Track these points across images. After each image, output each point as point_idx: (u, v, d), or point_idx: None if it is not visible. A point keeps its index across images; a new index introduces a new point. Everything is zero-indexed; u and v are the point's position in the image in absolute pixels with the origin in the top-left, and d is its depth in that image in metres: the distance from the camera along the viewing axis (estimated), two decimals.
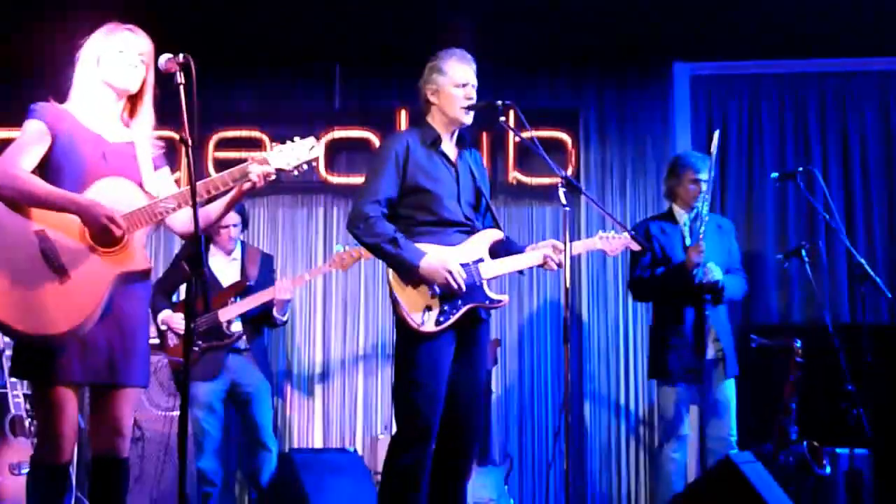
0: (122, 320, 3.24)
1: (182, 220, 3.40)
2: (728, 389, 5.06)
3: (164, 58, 3.05)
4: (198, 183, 3.24)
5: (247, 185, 3.30)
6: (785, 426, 4.84)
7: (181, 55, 3.01)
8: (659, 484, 5.14)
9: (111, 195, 3.22)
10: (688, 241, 5.12)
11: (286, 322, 5.75)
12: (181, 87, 2.99)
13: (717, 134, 5.09)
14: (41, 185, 3.16)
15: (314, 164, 3.38)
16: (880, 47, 6.48)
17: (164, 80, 3.23)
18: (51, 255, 3.14)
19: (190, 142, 2.95)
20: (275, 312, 5.49)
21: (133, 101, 3.42)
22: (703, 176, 5.13)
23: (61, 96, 3.35)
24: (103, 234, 3.16)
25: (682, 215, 5.22)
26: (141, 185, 3.34)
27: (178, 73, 3.01)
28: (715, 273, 4.94)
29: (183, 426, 2.89)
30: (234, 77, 6.66)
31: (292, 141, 3.37)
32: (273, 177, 3.32)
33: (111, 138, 3.33)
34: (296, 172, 3.36)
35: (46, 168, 3.23)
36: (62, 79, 3.38)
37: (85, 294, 3.14)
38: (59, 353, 3.13)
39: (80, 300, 3.13)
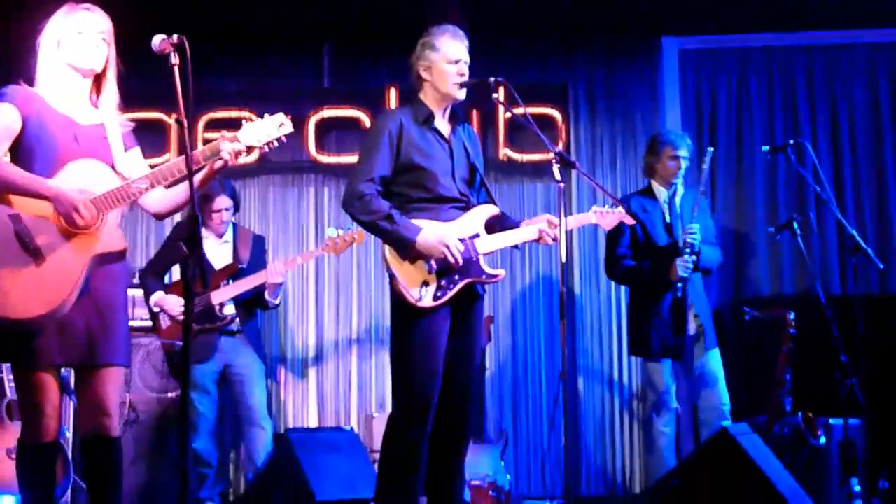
0: (99, 301, 3.25)
1: (155, 199, 3.42)
2: (713, 360, 5.11)
3: (158, 38, 3.00)
4: (168, 163, 3.27)
5: (218, 164, 3.30)
6: (779, 398, 4.88)
7: (175, 36, 2.98)
8: (651, 458, 5.20)
9: (83, 177, 3.23)
10: (667, 219, 5.17)
11: (279, 305, 5.74)
12: (176, 69, 2.96)
13: (709, 151, 5.11)
14: (13, 171, 3.17)
15: (284, 139, 3.38)
16: (868, 20, 6.49)
17: (153, 61, 3.20)
18: (25, 239, 3.14)
19: (185, 123, 2.93)
20: (267, 296, 5.49)
21: (98, 79, 3.41)
22: (682, 153, 5.17)
23: (29, 81, 3.33)
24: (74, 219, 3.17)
25: (661, 192, 5.26)
26: (113, 167, 3.35)
27: (172, 54, 2.98)
28: (697, 235, 4.98)
29: (184, 406, 2.89)
30: (222, 57, 6.61)
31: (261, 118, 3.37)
32: (245, 154, 3.34)
33: (82, 121, 3.33)
34: (267, 148, 3.38)
35: (18, 151, 3.23)
36: (28, 64, 3.35)
37: (61, 276, 3.15)
38: (37, 336, 3.14)
39: (56, 283, 3.13)
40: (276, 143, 3.38)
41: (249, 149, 3.34)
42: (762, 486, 3.77)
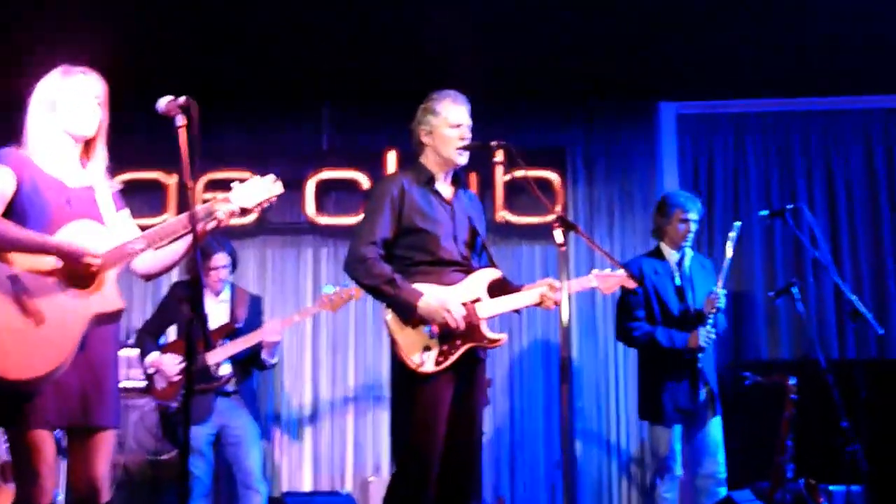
0: (93, 361, 3.22)
1: (144, 260, 3.40)
2: (716, 427, 5.07)
3: (164, 100, 3.03)
4: (164, 224, 3.27)
5: (211, 225, 3.31)
6: (781, 464, 4.81)
7: (183, 98, 3.00)
8: None
9: (81, 237, 3.21)
10: (678, 282, 5.14)
11: (275, 364, 5.70)
12: (182, 131, 2.97)
13: (737, 225, 5.11)
14: (14, 228, 3.15)
15: (275, 200, 3.39)
16: (863, 86, 6.57)
17: (152, 121, 3.21)
18: (25, 298, 3.11)
19: (191, 185, 2.94)
20: (263, 355, 5.45)
21: (88, 142, 3.40)
22: (693, 216, 5.15)
23: (15, 139, 3.32)
24: (81, 272, 3.15)
25: (671, 254, 5.22)
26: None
27: (178, 116, 3.00)
28: (722, 302, 4.97)
29: (184, 467, 2.86)
30: (222, 118, 6.64)
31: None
32: (238, 215, 3.35)
33: (72, 184, 3.32)
34: (258, 209, 3.40)
35: (10, 214, 3.21)
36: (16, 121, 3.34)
37: (60, 336, 3.12)
38: (33, 396, 3.10)
39: (55, 342, 3.11)
40: (267, 204, 3.39)
41: (243, 210, 3.35)
42: None
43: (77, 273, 3.16)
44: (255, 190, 3.35)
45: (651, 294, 5.10)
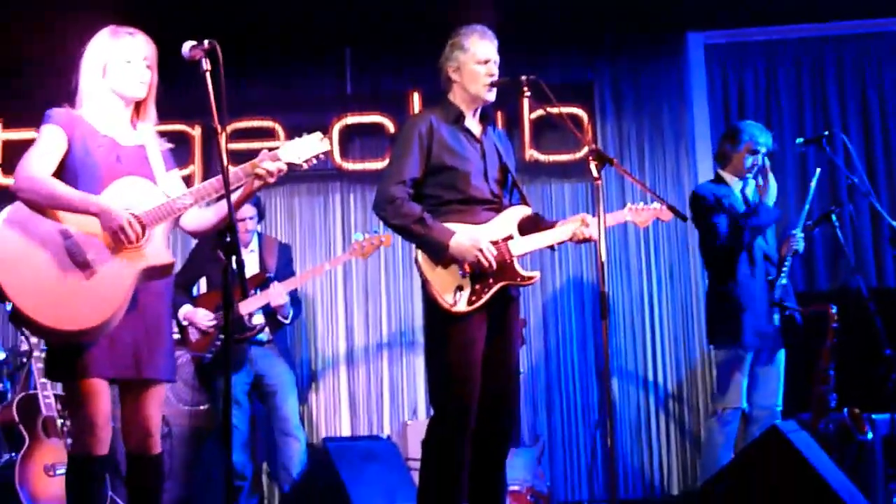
0: (145, 316, 3.28)
1: (193, 217, 3.43)
2: (781, 359, 4.98)
3: (188, 45, 3.02)
4: (210, 181, 3.29)
5: (258, 183, 3.30)
6: (823, 394, 4.77)
7: (206, 42, 2.96)
8: (707, 454, 5.00)
9: (129, 194, 3.25)
10: (743, 208, 4.99)
11: (291, 320, 5.61)
12: (207, 75, 2.93)
13: (818, 171, 5.02)
14: (62, 187, 3.18)
15: (322, 157, 3.39)
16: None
17: (175, 71, 3.16)
18: (76, 253, 3.16)
19: (220, 129, 2.90)
20: (278, 315, 5.42)
21: (139, 103, 3.43)
22: (762, 149, 5.01)
23: (67, 99, 3.34)
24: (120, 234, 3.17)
25: (734, 182, 5.09)
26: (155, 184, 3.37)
27: (203, 61, 2.96)
28: (800, 244, 4.98)
29: (227, 418, 2.85)
30: (244, 65, 6.55)
31: (298, 134, 3.38)
32: (284, 172, 3.33)
33: (124, 142, 3.35)
34: (305, 166, 3.39)
35: (63, 173, 3.25)
36: (66, 82, 3.36)
37: (112, 288, 3.16)
38: (88, 348, 3.15)
39: (107, 294, 3.15)
40: (314, 161, 3.38)
41: (290, 166, 3.33)
42: (816, 485, 3.68)
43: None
44: (304, 147, 3.35)
45: (731, 211, 4.95)
